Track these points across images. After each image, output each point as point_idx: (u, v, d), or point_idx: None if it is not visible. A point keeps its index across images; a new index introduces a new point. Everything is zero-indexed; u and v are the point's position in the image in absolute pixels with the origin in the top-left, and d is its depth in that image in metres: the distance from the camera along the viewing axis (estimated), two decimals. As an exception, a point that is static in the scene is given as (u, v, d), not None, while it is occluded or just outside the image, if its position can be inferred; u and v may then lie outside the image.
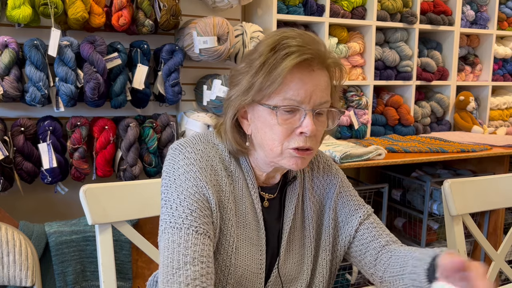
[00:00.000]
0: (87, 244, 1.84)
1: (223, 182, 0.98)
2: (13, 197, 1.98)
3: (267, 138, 0.94)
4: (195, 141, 1.00)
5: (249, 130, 0.98)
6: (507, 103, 3.32)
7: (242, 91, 0.94)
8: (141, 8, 2.01)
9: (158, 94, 2.16)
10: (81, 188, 1.20)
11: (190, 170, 0.95)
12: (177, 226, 0.91)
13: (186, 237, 0.89)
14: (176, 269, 0.86)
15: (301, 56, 0.89)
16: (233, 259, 0.97)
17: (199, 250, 0.88)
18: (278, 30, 0.96)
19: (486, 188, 1.53)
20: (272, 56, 0.91)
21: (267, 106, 0.92)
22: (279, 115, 0.92)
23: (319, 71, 0.93)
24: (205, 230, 0.91)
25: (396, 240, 1.07)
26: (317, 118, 0.94)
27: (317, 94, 0.91)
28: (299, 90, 0.90)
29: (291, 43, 0.90)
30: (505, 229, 2.59)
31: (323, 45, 0.94)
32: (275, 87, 0.90)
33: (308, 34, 0.94)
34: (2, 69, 1.79)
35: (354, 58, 2.72)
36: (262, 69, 0.91)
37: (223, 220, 0.97)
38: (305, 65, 0.91)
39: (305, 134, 0.91)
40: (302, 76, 0.91)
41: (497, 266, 1.52)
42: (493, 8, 3.17)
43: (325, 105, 0.94)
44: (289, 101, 0.91)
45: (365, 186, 2.43)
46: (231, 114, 0.97)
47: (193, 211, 0.92)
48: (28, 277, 1.25)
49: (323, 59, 0.93)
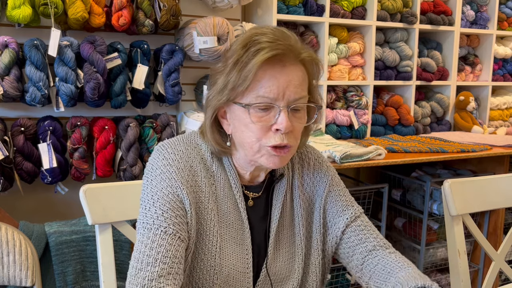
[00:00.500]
0: (87, 244, 1.84)
1: (203, 182, 0.98)
2: (13, 197, 1.98)
3: (244, 137, 0.95)
4: (177, 142, 1.01)
5: (229, 129, 0.99)
6: (507, 103, 3.32)
7: (218, 91, 0.94)
8: (141, 8, 2.01)
9: (158, 94, 2.16)
10: (81, 188, 1.20)
11: (167, 170, 0.96)
12: (148, 227, 0.92)
13: (153, 238, 0.90)
14: (138, 270, 0.87)
15: (271, 51, 0.89)
16: (218, 258, 0.97)
17: (163, 251, 0.88)
18: (252, 28, 0.96)
19: (486, 188, 1.53)
20: (244, 54, 0.91)
21: (240, 104, 0.92)
22: (252, 113, 0.91)
23: (292, 66, 0.92)
24: (174, 230, 0.91)
25: (385, 244, 1.06)
26: (294, 114, 0.93)
27: (290, 90, 0.91)
28: (271, 87, 0.90)
29: (262, 39, 0.90)
30: (505, 229, 2.58)
31: (295, 40, 0.93)
32: (247, 85, 0.90)
33: (280, 30, 0.94)
34: (2, 69, 1.79)
35: (354, 58, 2.72)
36: (235, 68, 0.91)
37: (203, 220, 0.97)
38: (276, 61, 0.90)
39: (280, 131, 0.91)
40: (273, 72, 0.90)
41: (497, 266, 1.52)
42: (493, 8, 3.17)
43: (300, 101, 0.93)
44: (262, 98, 0.90)
45: (365, 186, 2.43)
46: (210, 114, 0.98)
47: (165, 211, 0.92)
48: (28, 277, 1.25)
49: (296, 54, 0.92)
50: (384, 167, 2.68)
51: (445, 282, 2.68)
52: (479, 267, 2.66)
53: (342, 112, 2.68)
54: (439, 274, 2.70)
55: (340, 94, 2.72)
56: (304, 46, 0.95)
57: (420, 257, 2.48)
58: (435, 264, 2.64)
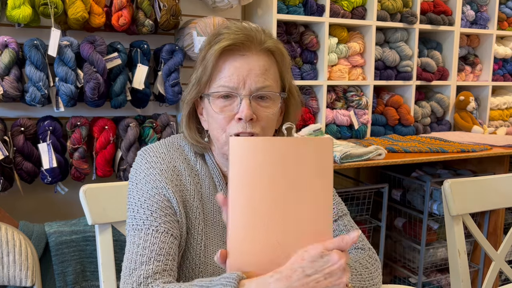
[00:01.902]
0: (87, 244, 1.84)
1: (187, 181, 0.99)
2: (13, 197, 1.98)
3: (212, 128, 0.98)
4: (159, 146, 1.03)
5: (206, 125, 1.01)
6: (507, 103, 3.32)
7: (190, 87, 0.99)
8: (141, 8, 2.01)
9: (158, 94, 2.16)
10: (81, 188, 1.20)
11: (150, 173, 0.97)
12: (138, 228, 0.92)
13: (145, 237, 0.90)
14: (132, 270, 0.87)
15: (228, 40, 0.91)
16: (202, 257, 0.97)
17: (157, 249, 0.89)
18: (221, 25, 1.00)
19: (486, 188, 1.53)
20: (208, 49, 0.94)
21: (205, 95, 0.96)
22: (212, 102, 0.94)
23: (254, 56, 0.93)
24: (166, 228, 0.92)
25: (364, 246, 1.06)
26: (259, 103, 0.95)
27: (252, 79, 0.92)
28: (231, 76, 0.92)
29: (223, 31, 0.94)
30: (505, 229, 2.58)
31: (258, 32, 0.95)
32: (208, 75, 0.93)
33: (243, 24, 0.96)
34: (2, 69, 1.79)
35: (354, 58, 2.72)
36: (201, 63, 0.95)
37: (189, 219, 0.97)
38: (236, 50, 0.93)
39: (243, 120, 0.92)
40: (233, 61, 0.93)
41: (497, 266, 1.52)
42: (493, 8, 3.17)
43: (264, 90, 0.94)
44: (223, 87, 0.93)
45: (365, 186, 2.43)
46: (185, 111, 1.02)
47: (154, 211, 0.93)
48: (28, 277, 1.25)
49: (258, 43, 0.94)
50: (384, 167, 2.68)
51: (445, 282, 2.68)
52: (479, 267, 2.66)
53: (342, 112, 2.68)
54: (439, 274, 2.70)
55: (340, 94, 2.72)
56: (269, 36, 0.97)
57: (420, 257, 2.48)
58: (435, 264, 2.64)
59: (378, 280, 1.02)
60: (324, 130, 2.64)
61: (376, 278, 1.01)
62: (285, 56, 0.99)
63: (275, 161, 0.77)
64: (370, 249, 1.06)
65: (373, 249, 1.07)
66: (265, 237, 0.77)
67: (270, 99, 0.96)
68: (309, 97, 2.61)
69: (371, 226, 2.49)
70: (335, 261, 0.74)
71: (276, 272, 0.75)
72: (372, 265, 1.02)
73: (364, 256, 1.03)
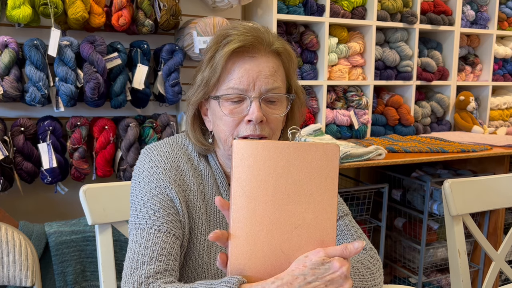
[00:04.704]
0: (87, 244, 1.84)
1: (191, 181, 0.99)
2: (13, 197, 1.98)
3: (219, 131, 0.96)
4: (163, 144, 1.02)
5: (210, 126, 1.00)
6: (507, 103, 3.32)
7: (196, 88, 0.97)
8: (141, 8, 2.01)
9: (158, 94, 2.16)
10: (81, 188, 1.20)
11: (154, 172, 0.97)
12: (141, 227, 0.92)
13: (147, 237, 0.90)
14: (134, 269, 0.87)
15: (238, 42, 0.91)
16: (205, 257, 0.97)
17: (159, 249, 0.88)
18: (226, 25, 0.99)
19: (486, 188, 1.53)
20: (216, 49, 0.94)
21: (213, 98, 0.95)
22: (223, 104, 0.93)
23: (263, 57, 0.93)
24: (169, 228, 0.91)
25: (365, 246, 1.05)
26: (268, 106, 0.94)
27: (261, 81, 0.92)
28: (241, 78, 0.92)
29: (232, 33, 0.93)
30: (505, 229, 2.59)
31: (266, 32, 0.95)
32: (217, 76, 0.93)
33: (251, 25, 0.96)
34: (2, 69, 1.79)
35: (354, 58, 2.72)
36: (209, 63, 0.94)
37: (192, 219, 0.97)
38: (245, 53, 0.92)
39: (253, 122, 0.92)
40: (243, 63, 0.92)
41: (497, 266, 1.52)
42: (493, 8, 3.16)
43: (273, 91, 0.94)
44: (232, 89, 0.92)
45: (365, 186, 2.43)
46: (191, 112, 1.01)
47: (156, 211, 0.93)
48: (28, 277, 1.25)
49: (267, 45, 0.94)
50: (384, 167, 2.68)
51: (445, 282, 2.68)
52: (479, 267, 2.66)
53: (342, 112, 2.68)
54: (439, 274, 2.70)
55: (340, 94, 2.72)
56: (276, 38, 0.96)
57: (420, 257, 2.48)
58: (435, 264, 2.64)
59: (380, 281, 1.02)
60: (324, 130, 2.64)
61: (377, 278, 1.01)
62: (292, 57, 0.99)
63: (279, 166, 0.76)
64: (371, 249, 1.06)
65: (374, 249, 1.07)
66: (267, 243, 0.76)
67: (278, 101, 0.96)
68: (309, 97, 2.61)
69: (371, 226, 2.49)
70: (336, 269, 0.74)
71: (277, 279, 0.75)
72: (374, 265, 1.02)
73: (366, 256, 1.03)
